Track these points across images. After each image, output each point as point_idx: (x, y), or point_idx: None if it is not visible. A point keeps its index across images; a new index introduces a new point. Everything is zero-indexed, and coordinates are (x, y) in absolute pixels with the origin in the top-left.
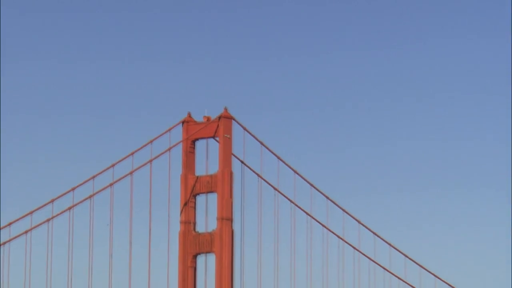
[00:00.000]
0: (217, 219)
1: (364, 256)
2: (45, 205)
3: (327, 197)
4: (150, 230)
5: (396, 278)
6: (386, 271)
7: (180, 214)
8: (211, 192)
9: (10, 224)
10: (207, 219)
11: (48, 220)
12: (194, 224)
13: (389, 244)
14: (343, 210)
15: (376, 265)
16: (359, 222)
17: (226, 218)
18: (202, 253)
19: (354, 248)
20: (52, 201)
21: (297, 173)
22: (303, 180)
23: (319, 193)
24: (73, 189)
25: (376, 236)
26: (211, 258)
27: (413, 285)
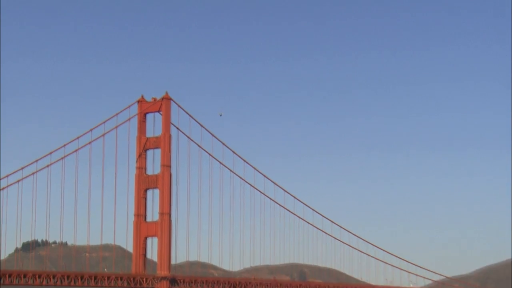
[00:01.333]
0: (161, 165)
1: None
2: (46, 155)
3: (224, 144)
4: (116, 172)
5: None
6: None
7: (136, 162)
8: (157, 148)
9: (22, 168)
10: (153, 165)
11: (48, 166)
12: (145, 169)
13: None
14: (233, 152)
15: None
16: (244, 160)
17: (166, 165)
18: (150, 188)
19: (243, 179)
20: (51, 153)
21: (212, 134)
22: (221, 142)
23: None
24: (64, 145)
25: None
26: (156, 191)
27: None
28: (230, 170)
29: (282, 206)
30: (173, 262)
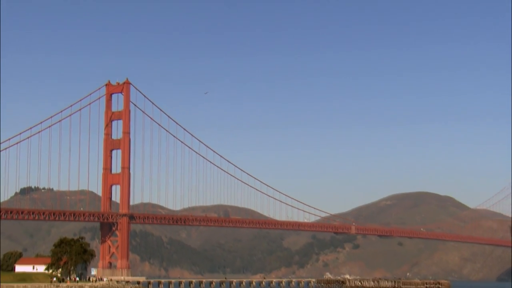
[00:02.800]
0: (122, 132)
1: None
2: (37, 124)
3: (169, 117)
4: (89, 136)
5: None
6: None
7: (104, 129)
8: (119, 119)
9: (20, 133)
10: (117, 132)
11: (39, 132)
12: (111, 134)
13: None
14: (176, 123)
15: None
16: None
17: (126, 132)
18: (115, 149)
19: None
20: (41, 122)
21: (160, 109)
22: (167, 115)
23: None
24: (51, 117)
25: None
26: (119, 151)
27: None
28: (174, 136)
29: (212, 163)
30: (131, 203)
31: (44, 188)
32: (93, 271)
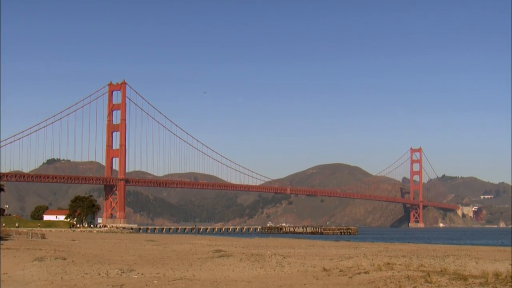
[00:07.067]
0: (120, 119)
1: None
2: (58, 114)
3: (154, 107)
4: (96, 122)
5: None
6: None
7: (107, 117)
8: (118, 109)
9: (45, 120)
10: (116, 119)
11: (60, 119)
12: (112, 120)
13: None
14: (159, 112)
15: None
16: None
17: (123, 119)
18: (115, 131)
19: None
20: (61, 111)
21: (147, 102)
22: (152, 106)
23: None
24: (68, 108)
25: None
26: (118, 133)
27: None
28: (158, 122)
29: (185, 141)
30: (126, 170)
31: (64, 159)
32: (99, 220)
